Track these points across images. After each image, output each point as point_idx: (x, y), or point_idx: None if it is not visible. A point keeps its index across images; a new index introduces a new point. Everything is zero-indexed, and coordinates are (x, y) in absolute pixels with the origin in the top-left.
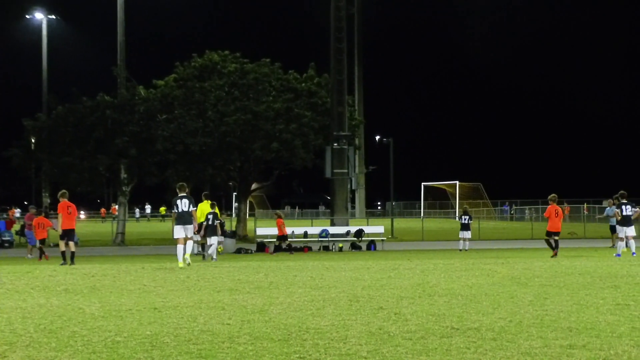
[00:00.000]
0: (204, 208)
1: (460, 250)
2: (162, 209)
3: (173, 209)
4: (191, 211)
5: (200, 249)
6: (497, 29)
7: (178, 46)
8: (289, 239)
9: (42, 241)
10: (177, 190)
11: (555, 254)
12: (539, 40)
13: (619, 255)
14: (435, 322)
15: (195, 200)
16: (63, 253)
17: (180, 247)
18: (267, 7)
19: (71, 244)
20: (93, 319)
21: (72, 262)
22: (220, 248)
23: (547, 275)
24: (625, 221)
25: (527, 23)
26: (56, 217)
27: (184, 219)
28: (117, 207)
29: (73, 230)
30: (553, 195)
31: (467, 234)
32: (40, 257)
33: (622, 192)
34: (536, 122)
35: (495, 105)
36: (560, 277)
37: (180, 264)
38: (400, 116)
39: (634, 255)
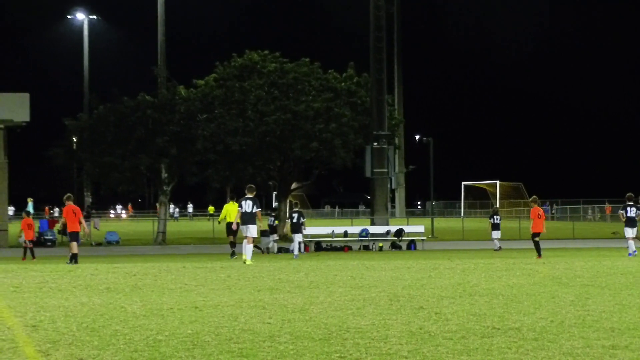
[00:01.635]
0: (230, 209)
1: (496, 250)
2: (211, 209)
3: (239, 209)
4: (255, 212)
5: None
6: (539, 25)
7: (218, 46)
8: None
9: (30, 241)
10: (245, 192)
11: (540, 255)
12: (582, 37)
13: (630, 254)
14: (476, 322)
15: (221, 201)
16: (75, 255)
17: (245, 244)
18: (307, 7)
19: (73, 244)
20: (135, 318)
21: (76, 262)
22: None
23: (588, 275)
24: (630, 222)
25: (570, 20)
26: (98, 217)
27: (247, 219)
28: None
29: (78, 233)
30: (534, 197)
31: (498, 234)
32: (25, 257)
33: (628, 194)
34: (577, 121)
35: (536, 104)
36: (602, 277)
37: (249, 262)
38: (440, 115)
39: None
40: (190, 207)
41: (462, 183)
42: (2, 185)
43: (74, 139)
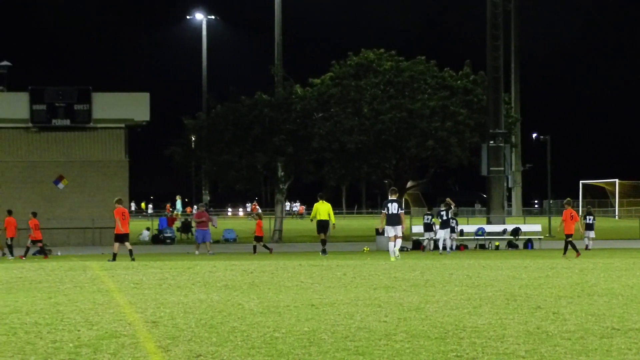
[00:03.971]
0: (320, 207)
1: (586, 249)
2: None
3: (383, 210)
4: (400, 213)
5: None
6: None
7: (334, 45)
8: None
9: (39, 241)
10: (389, 194)
11: (565, 254)
12: None
13: None
14: (594, 322)
15: (336, 199)
16: (115, 255)
17: (391, 244)
18: (423, 5)
19: (116, 245)
20: (252, 315)
21: (113, 260)
22: (366, 248)
23: None
24: None
25: None
26: (216, 214)
27: (394, 220)
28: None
29: (127, 234)
30: (568, 199)
31: (592, 234)
32: (25, 255)
33: None
34: None
35: None
36: None
37: (392, 259)
38: (558, 113)
39: None
40: (296, 206)
41: (580, 182)
42: (123, 183)
43: (193, 138)
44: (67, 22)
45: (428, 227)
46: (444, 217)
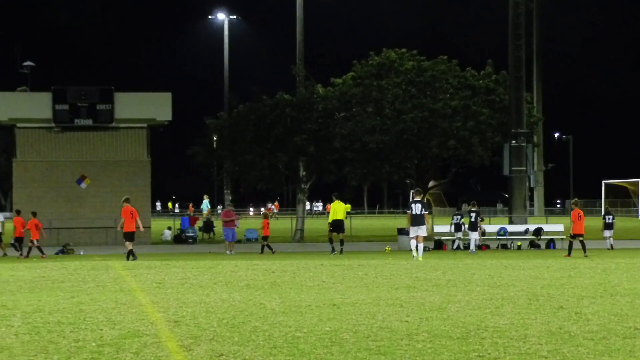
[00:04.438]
0: (336, 207)
1: (608, 249)
2: (347, 207)
3: (408, 211)
4: (423, 214)
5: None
6: None
7: (355, 44)
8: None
9: (36, 241)
10: (413, 195)
11: (585, 254)
12: None
13: None
14: (617, 323)
15: (359, 199)
16: (132, 252)
17: (413, 242)
18: (444, 4)
19: (128, 243)
20: (274, 315)
21: (134, 257)
22: (387, 248)
23: None
24: None
25: None
26: (238, 214)
27: (417, 220)
28: (270, 206)
29: (134, 232)
30: (575, 199)
31: (611, 233)
32: (28, 255)
33: None
34: None
35: None
36: None
37: (415, 253)
38: (580, 112)
39: None
40: (317, 206)
41: (603, 181)
42: (145, 182)
43: (215, 138)
44: (90, 23)
45: (458, 227)
46: (472, 219)
